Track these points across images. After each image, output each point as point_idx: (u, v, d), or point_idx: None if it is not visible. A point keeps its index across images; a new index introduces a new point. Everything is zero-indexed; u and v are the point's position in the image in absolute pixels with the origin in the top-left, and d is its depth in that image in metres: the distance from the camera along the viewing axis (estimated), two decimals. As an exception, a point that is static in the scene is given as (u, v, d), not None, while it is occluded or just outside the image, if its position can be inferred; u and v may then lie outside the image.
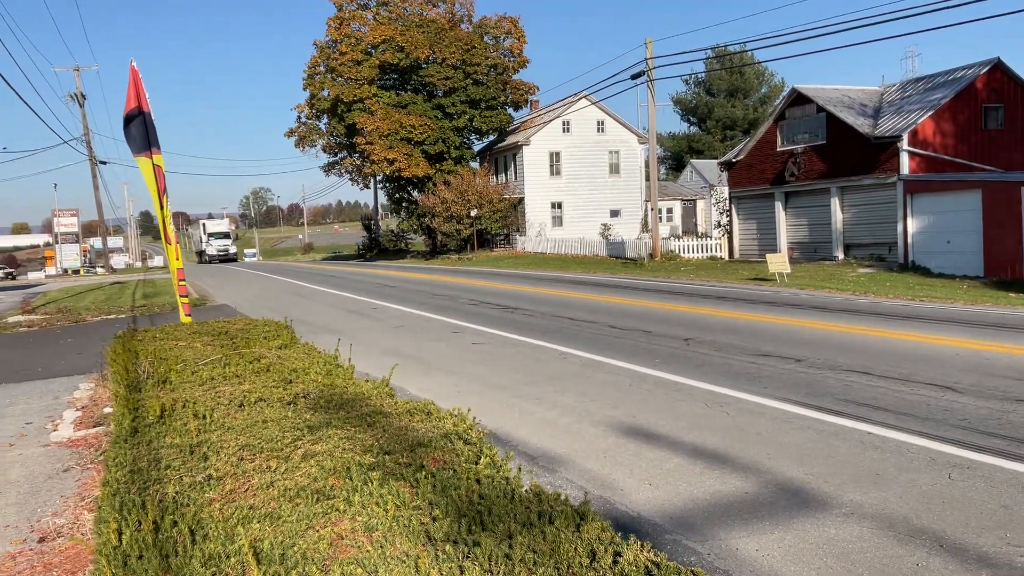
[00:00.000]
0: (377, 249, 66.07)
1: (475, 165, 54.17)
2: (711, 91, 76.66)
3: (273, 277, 36.82)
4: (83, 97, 51.95)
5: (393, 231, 65.75)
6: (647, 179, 46.70)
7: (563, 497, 4.31)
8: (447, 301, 19.55)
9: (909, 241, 25.27)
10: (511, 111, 53.52)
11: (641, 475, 5.67)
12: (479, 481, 4.54)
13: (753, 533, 4.57)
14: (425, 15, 50.93)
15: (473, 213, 46.19)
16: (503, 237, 51.46)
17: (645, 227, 47.33)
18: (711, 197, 51.51)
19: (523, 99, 52.89)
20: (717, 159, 44.99)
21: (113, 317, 18.98)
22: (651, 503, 5.11)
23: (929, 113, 26.07)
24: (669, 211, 58.47)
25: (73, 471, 6.17)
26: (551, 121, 50.29)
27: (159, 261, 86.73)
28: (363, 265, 50.20)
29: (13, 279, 57.15)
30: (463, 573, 3.48)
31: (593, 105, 48.99)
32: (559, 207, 50.93)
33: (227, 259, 71.57)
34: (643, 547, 3.65)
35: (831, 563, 4.16)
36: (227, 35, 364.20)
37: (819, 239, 30.02)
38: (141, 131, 12.25)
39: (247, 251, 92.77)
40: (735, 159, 34.30)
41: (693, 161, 68.31)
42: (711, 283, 22.92)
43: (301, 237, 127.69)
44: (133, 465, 5.05)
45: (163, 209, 12.37)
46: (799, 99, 30.32)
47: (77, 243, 64.34)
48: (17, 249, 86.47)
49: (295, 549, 3.73)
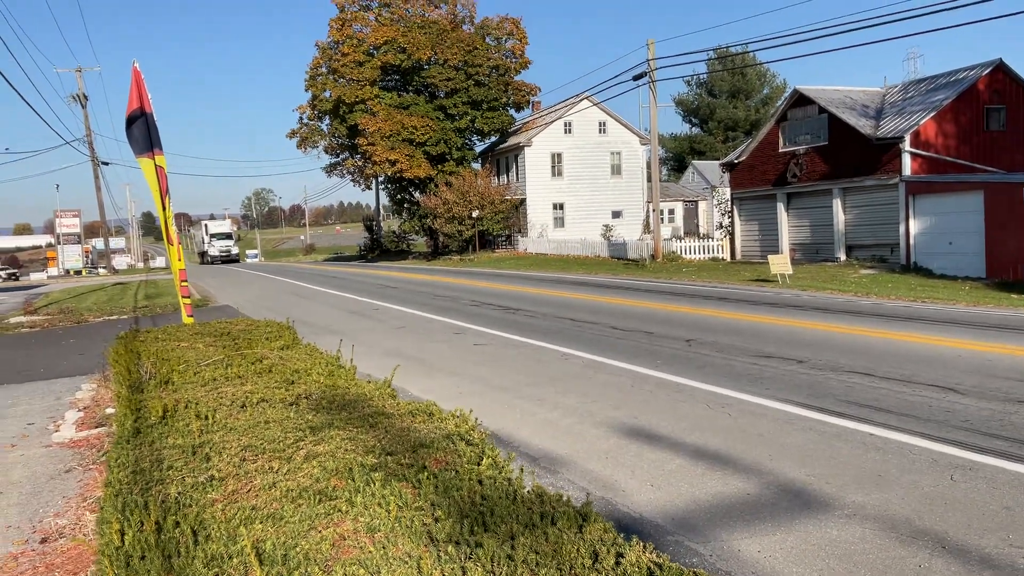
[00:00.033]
0: (379, 250, 66.11)
1: (477, 166, 54.20)
2: (713, 92, 76.67)
3: (275, 278, 36.84)
4: (85, 98, 52.03)
5: (395, 232, 65.80)
6: (649, 180, 46.73)
7: (565, 498, 4.30)
8: (449, 302, 19.56)
9: (911, 242, 25.26)
10: (513, 112, 53.61)
11: (643, 476, 5.67)
12: (481, 482, 4.54)
13: (755, 534, 4.57)
14: (427, 16, 51.00)
15: (475, 214, 46.20)
16: (505, 238, 51.46)
17: (647, 228, 47.34)
18: (713, 198, 51.54)
19: (525, 100, 52.95)
20: (719, 160, 44.95)
21: (115, 318, 19.01)
22: (653, 504, 5.11)
23: (931, 114, 26.06)
24: (671, 212, 58.47)
25: (75, 472, 6.17)
26: (553, 122, 50.30)
27: (161, 262, 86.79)
28: (365, 266, 50.23)
29: (16, 279, 57.22)
30: (465, 574, 3.48)
31: (595, 106, 49.01)
32: (561, 208, 50.94)
33: (229, 260, 71.69)
34: (645, 548, 3.65)
35: (833, 564, 4.16)
36: (228, 35, 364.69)
37: (821, 240, 30.01)
38: (143, 132, 12.25)
39: (249, 252, 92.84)
40: (737, 160, 34.29)
41: (695, 162, 68.32)
42: (713, 284, 22.92)
43: (303, 238, 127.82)
44: (135, 466, 5.05)
45: (165, 210, 12.38)
46: (801, 100, 30.32)
47: (79, 244, 64.46)
48: (19, 250, 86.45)
49: (297, 550, 3.73)
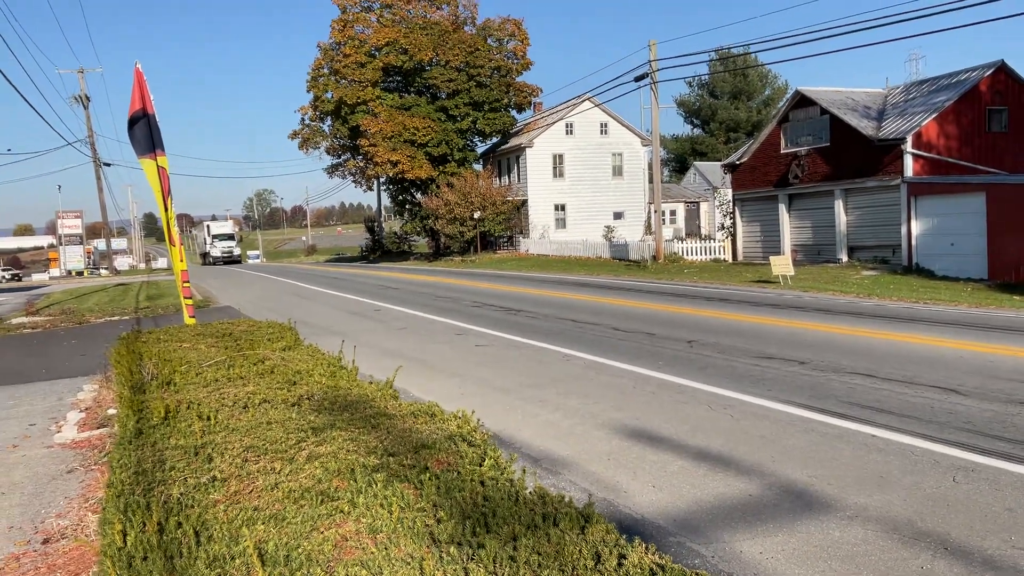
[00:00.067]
0: (380, 251, 66.14)
1: (478, 167, 54.22)
2: (715, 93, 76.67)
3: (276, 279, 36.86)
4: (87, 99, 52.11)
5: (396, 233, 65.82)
6: (650, 181, 46.69)
7: (567, 499, 4.30)
8: (450, 303, 19.56)
9: (913, 243, 25.23)
10: (514, 113, 53.62)
11: (645, 478, 5.67)
12: (483, 483, 4.54)
13: (757, 536, 4.57)
14: (429, 17, 51.03)
15: (476, 215, 46.21)
16: (506, 239, 51.47)
17: (648, 229, 47.33)
18: (714, 199, 51.51)
19: (526, 101, 52.96)
20: (720, 161, 44.94)
21: (117, 319, 19.02)
22: (655, 506, 5.11)
23: (933, 116, 26.04)
24: (672, 213, 58.46)
25: (77, 472, 6.18)
26: (554, 123, 50.30)
27: (163, 263, 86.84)
28: (366, 267, 50.25)
29: (19, 280, 57.34)
30: (467, 575, 3.48)
31: (596, 107, 49.02)
32: (562, 209, 50.95)
33: (231, 261, 71.78)
34: (648, 549, 3.65)
35: (835, 566, 4.15)
36: (228, 35, 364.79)
37: (823, 241, 29.98)
38: (145, 133, 12.26)
39: (250, 253, 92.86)
40: (739, 161, 34.28)
41: (696, 163, 68.32)
42: (714, 285, 22.91)
43: (304, 239, 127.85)
44: (138, 466, 5.05)
45: (167, 211, 12.39)
46: (803, 101, 30.30)
47: (81, 245, 64.55)
48: (21, 251, 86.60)
49: (300, 551, 3.73)
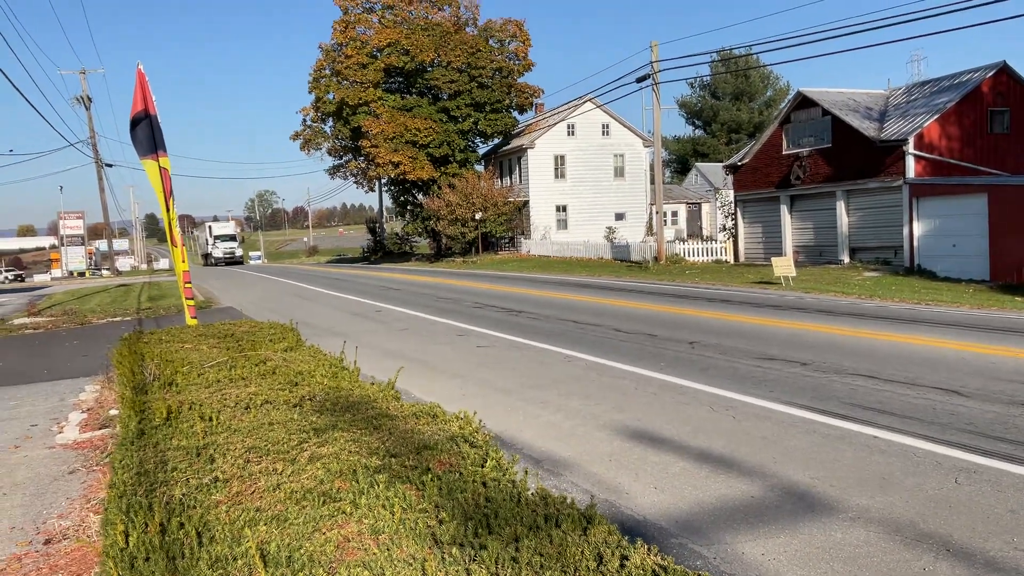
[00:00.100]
0: (382, 252, 66.16)
1: (480, 168, 54.24)
2: (716, 94, 76.64)
3: (278, 280, 36.88)
4: (89, 100, 52.19)
5: (398, 234, 65.80)
6: (652, 182, 46.70)
7: (569, 500, 4.30)
8: (452, 304, 19.56)
9: (915, 245, 25.22)
10: (516, 114, 53.64)
11: (647, 479, 5.66)
12: (485, 484, 4.54)
13: (759, 537, 4.56)
14: (430, 18, 51.07)
15: (478, 216, 46.22)
16: (508, 240, 51.48)
17: (650, 230, 47.34)
18: (716, 200, 51.48)
19: (528, 102, 52.99)
20: (722, 162, 44.93)
21: (119, 319, 19.04)
22: (657, 507, 5.11)
23: (935, 117, 26.03)
24: (674, 214, 58.45)
25: (79, 473, 6.18)
26: (556, 124, 50.31)
27: (164, 263, 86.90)
28: (368, 268, 50.26)
29: (22, 281, 57.41)
30: (469, 576, 3.48)
31: (598, 108, 49.01)
32: (564, 210, 50.95)
33: (233, 262, 71.84)
34: (650, 551, 3.65)
35: (837, 567, 4.15)
36: (228, 35, 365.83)
37: (824, 243, 29.97)
38: (147, 134, 12.28)
39: (252, 254, 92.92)
40: (740, 162, 34.27)
41: (698, 164, 68.30)
42: (716, 286, 22.90)
43: (306, 240, 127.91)
44: (140, 467, 5.05)
45: (169, 212, 12.40)
46: (804, 102, 30.30)
47: (83, 245, 64.63)
48: (23, 251, 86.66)
49: (302, 551, 3.73)
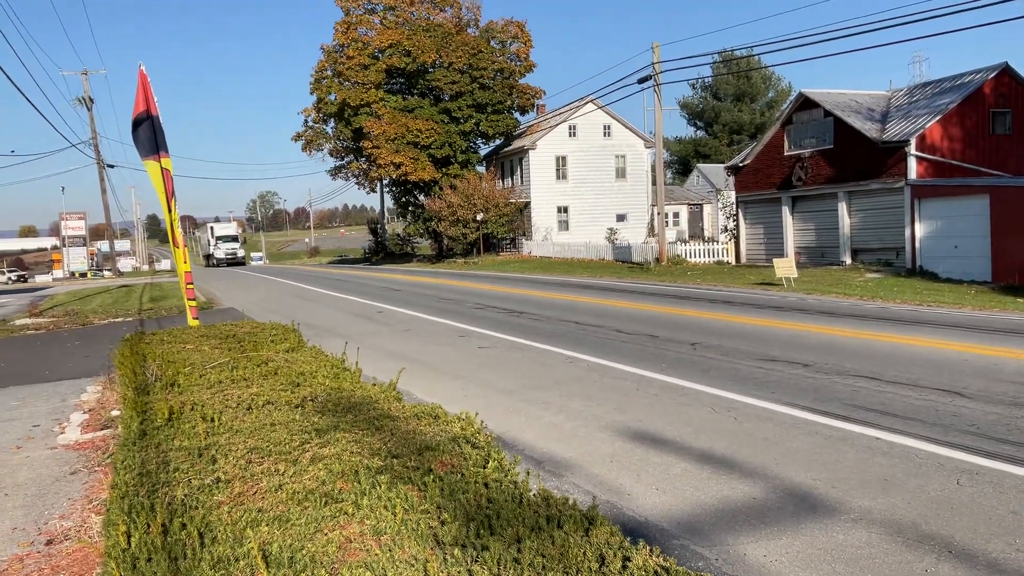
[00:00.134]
0: (383, 253, 66.17)
1: (481, 169, 54.25)
2: (718, 95, 76.64)
3: (280, 281, 36.90)
4: (91, 101, 52.23)
5: (399, 235, 65.82)
6: (654, 183, 46.66)
7: (571, 502, 4.30)
8: (453, 305, 19.56)
9: (917, 246, 25.21)
10: (518, 115, 53.64)
11: (648, 480, 5.66)
12: (487, 485, 4.54)
13: (761, 539, 4.56)
14: (432, 19, 51.10)
15: (479, 217, 46.23)
16: (509, 241, 51.48)
17: (651, 231, 47.33)
18: (718, 201, 51.41)
19: (530, 103, 52.99)
20: (724, 163, 44.91)
21: (120, 320, 19.05)
22: (658, 508, 5.10)
23: (937, 118, 26.02)
24: (675, 215, 58.44)
25: (80, 474, 6.18)
26: (557, 125, 50.31)
27: (166, 264, 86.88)
28: (369, 269, 50.28)
29: (26, 281, 57.46)
30: (471, 577, 3.48)
31: (599, 109, 48.97)
32: (565, 211, 50.94)
33: (235, 262, 71.90)
34: (652, 552, 3.64)
35: (839, 569, 4.14)
36: (229, 35, 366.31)
37: (826, 244, 29.95)
38: (149, 134, 12.29)
39: (253, 255, 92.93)
40: (742, 163, 34.26)
41: (700, 165, 68.30)
42: (718, 287, 22.89)
43: (307, 241, 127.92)
44: (142, 468, 5.06)
45: (171, 213, 12.42)
46: (806, 103, 30.29)
47: (84, 246, 64.64)
48: (24, 252, 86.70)
49: (304, 552, 3.73)
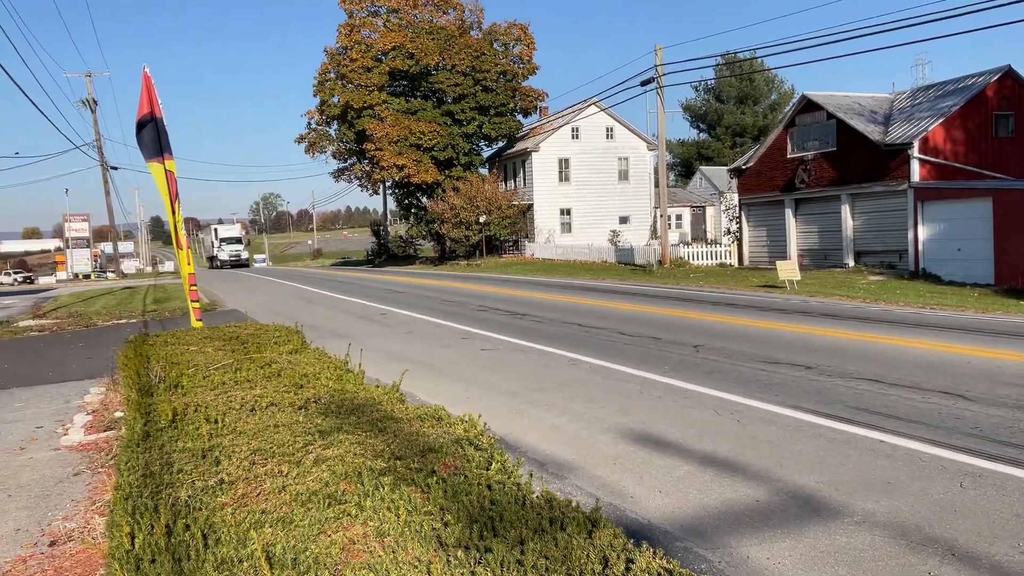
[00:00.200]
0: (386, 255, 66.22)
1: (484, 171, 54.27)
2: (721, 98, 76.66)
3: (283, 282, 36.94)
4: (95, 103, 52.31)
5: (402, 237, 65.89)
6: (656, 186, 46.67)
7: (574, 504, 4.30)
8: (456, 307, 19.57)
9: (920, 248, 25.18)
10: (520, 117, 53.67)
11: (651, 482, 5.66)
12: (490, 487, 4.54)
13: (764, 541, 4.56)
14: (435, 22, 51.16)
15: (482, 219, 46.24)
16: (512, 243, 51.49)
17: (654, 234, 47.31)
18: (720, 204, 51.35)
19: (532, 106, 53.02)
20: (727, 166, 44.95)
21: (124, 322, 19.08)
22: (661, 511, 5.10)
23: (939, 121, 26.00)
24: (678, 218, 58.41)
25: (84, 475, 6.19)
26: (560, 127, 50.32)
27: (169, 266, 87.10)
28: (372, 271, 50.31)
29: (31, 283, 57.60)
30: (474, 579, 3.48)
31: (602, 111, 49.02)
32: (568, 213, 50.94)
33: (238, 264, 72.05)
34: (656, 554, 3.64)
35: (843, 571, 4.14)
36: (229, 35, 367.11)
37: (829, 246, 29.93)
38: (153, 137, 12.33)
39: (257, 256, 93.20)
40: (745, 166, 34.25)
41: (702, 168, 68.28)
42: (721, 290, 22.87)
43: (310, 243, 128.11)
44: (145, 469, 5.06)
45: (175, 214, 12.45)
46: (809, 106, 30.28)
47: (88, 248, 64.83)
48: (28, 254, 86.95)
49: (307, 554, 3.74)
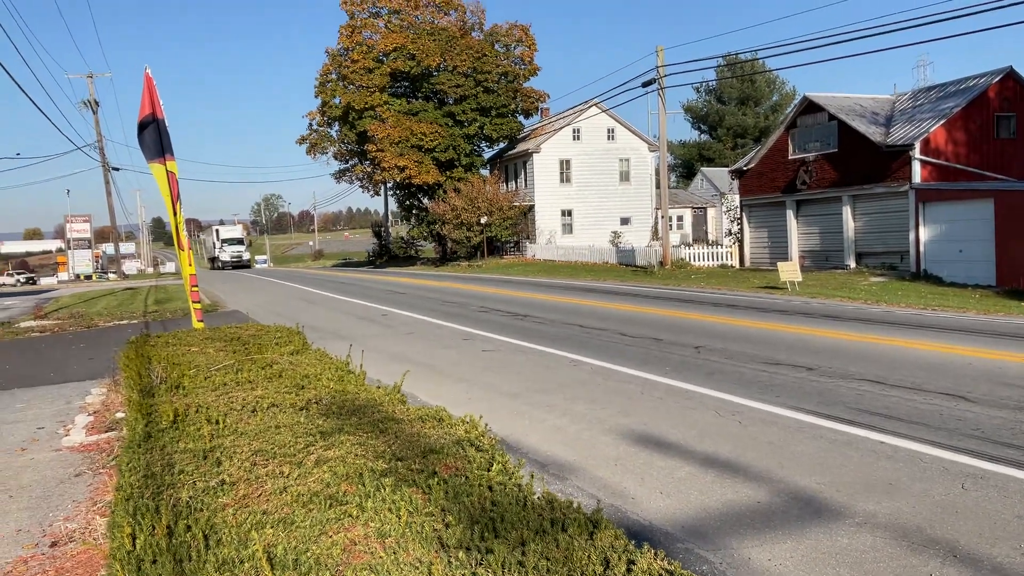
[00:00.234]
0: (387, 256, 66.24)
1: (485, 172, 54.28)
2: (722, 99, 76.64)
3: (284, 283, 36.95)
4: (96, 104, 52.41)
5: (403, 238, 65.91)
6: (658, 187, 46.68)
7: (576, 505, 4.30)
8: (457, 308, 19.57)
9: (921, 250, 25.17)
10: (522, 119, 53.68)
11: (652, 484, 5.66)
12: (491, 488, 4.54)
13: (765, 542, 4.56)
14: (436, 23, 51.18)
15: (483, 220, 46.24)
16: (513, 244, 51.49)
17: (655, 235, 47.30)
18: (722, 205, 51.43)
19: (534, 107, 53.03)
20: (728, 167, 44.94)
21: (125, 323, 19.08)
22: (663, 512, 5.10)
23: (941, 122, 25.99)
24: (680, 219, 58.40)
25: (85, 476, 6.19)
26: (561, 129, 50.33)
27: (171, 267, 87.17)
28: (373, 272, 50.32)
29: (34, 283, 57.67)
30: (475, 580, 3.48)
31: (603, 113, 49.02)
32: (569, 215, 50.94)
33: (240, 265, 72.04)
34: (657, 556, 3.64)
35: (844, 573, 4.14)
36: (230, 35, 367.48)
37: (831, 247, 29.92)
38: (155, 138, 12.35)
39: (258, 257, 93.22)
40: (746, 167, 34.25)
41: (704, 169, 68.27)
42: (722, 291, 22.86)
43: (312, 244, 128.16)
44: (147, 470, 5.07)
45: (176, 215, 12.46)
46: (811, 107, 30.28)
47: (89, 249, 64.92)
48: (29, 255, 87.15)
49: (308, 554, 3.74)
